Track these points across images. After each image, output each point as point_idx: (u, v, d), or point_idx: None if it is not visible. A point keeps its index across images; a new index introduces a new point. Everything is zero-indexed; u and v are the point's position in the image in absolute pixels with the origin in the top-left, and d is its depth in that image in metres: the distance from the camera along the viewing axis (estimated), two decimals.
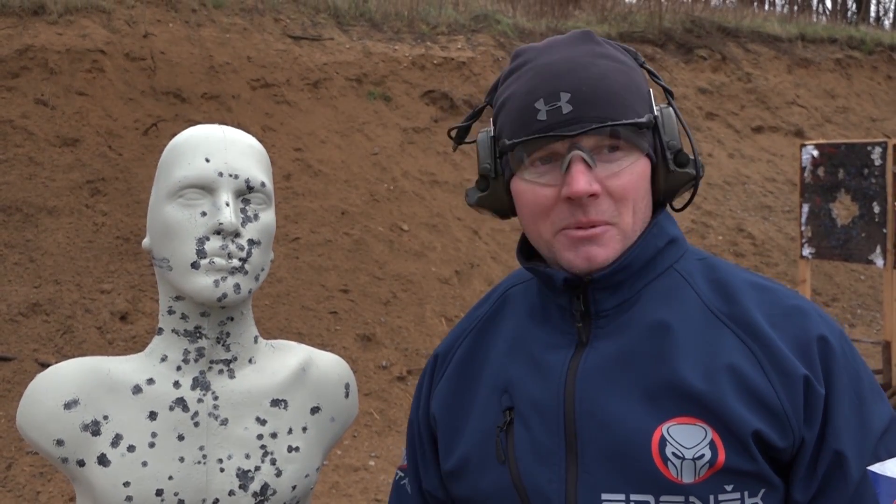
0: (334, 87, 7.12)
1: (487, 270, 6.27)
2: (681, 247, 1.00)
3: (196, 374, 1.10)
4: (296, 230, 5.88)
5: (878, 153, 4.72)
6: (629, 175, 0.92)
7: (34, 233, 5.15)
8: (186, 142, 1.07)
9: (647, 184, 0.95)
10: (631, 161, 0.93)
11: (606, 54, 0.96)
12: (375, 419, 4.86)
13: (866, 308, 7.54)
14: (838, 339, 0.92)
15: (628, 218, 0.93)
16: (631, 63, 0.97)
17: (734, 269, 0.99)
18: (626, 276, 0.95)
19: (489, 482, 0.96)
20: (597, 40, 0.97)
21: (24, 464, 3.97)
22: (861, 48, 11.00)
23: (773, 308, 0.93)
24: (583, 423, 0.91)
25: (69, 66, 6.08)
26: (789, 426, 0.88)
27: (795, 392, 0.88)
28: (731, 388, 0.88)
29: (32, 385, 1.07)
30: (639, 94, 0.95)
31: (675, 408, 0.89)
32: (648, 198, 0.96)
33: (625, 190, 0.92)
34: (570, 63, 0.93)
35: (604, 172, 0.91)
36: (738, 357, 0.90)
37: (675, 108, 0.98)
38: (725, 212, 8.07)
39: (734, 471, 0.87)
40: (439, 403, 1.05)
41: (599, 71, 0.92)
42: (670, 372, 0.90)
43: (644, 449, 0.89)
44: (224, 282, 1.04)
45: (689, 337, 0.92)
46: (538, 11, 9.85)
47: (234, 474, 1.09)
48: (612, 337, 0.95)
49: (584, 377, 0.93)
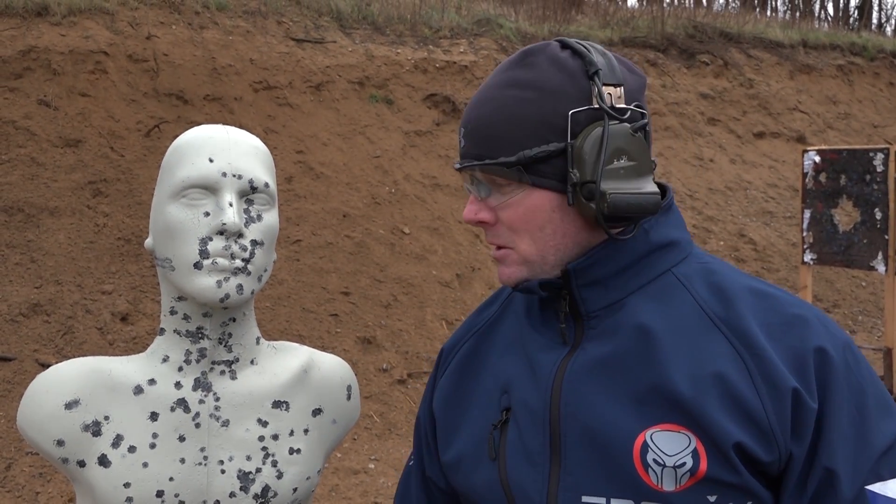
0: (336, 90, 7.13)
1: (488, 274, 6.27)
2: (682, 250, 0.98)
3: (198, 375, 1.09)
4: (297, 232, 5.88)
5: (880, 159, 4.71)
6: (515, 208, 0.95)
7: (36, 233, 5.15)
8: (190, 142, 1.07)
9: (546, 214, 0.93)
10: (519, 194, 0.94)
11: (520, 82, 0.93)
12: (375, 422, 4.85)
13: (867, 314, 7.53)
14: (840, 351, 0.89)
15: (524, 245, 0.95)
16: (556, 87, 0.92)
17: (735, 274, 0.97)
18: (605, 274, 0.95)
19: (480, 479, 0.99)
20: (527, 63, 0.95)
21: (24, 464, 3.96)
22: (863, 55, 11.01)
23: (772, 316, 0.91)
24: (567, 425, 0.92)
25: (72, 67, 6.08)
26: (774, 440, 0.86)
27: (783, 405, 0.86)
28: (716, 398, 0.87)
29: (33, 385, 1.07)
30: (534, 126, 0.92)
31: (662, 414, 0.89)
32: (556, 226, 0.94)
33: (512, 221, 0.95)
34: (480, 94, 0.98)
35: (496, 202, 0.96)
36: (727, 365, 0.88)
37: (605, 132, 0.90)
38: (727, 217, 8.07)
39: (717, 481, 0.86)
40: (440, 398, 1.08)
41: (493, 106, 0.94)
42: (658, 377, 0.90)
43: (626, 453, 0.88)
44: (227, 282, 1.03)
45: (680, 342, 0.91)
46: (540, 16, 9.85)
47: (235, 476, 1.08)
48: (601, 339, 0.95)
49: (571, 379, 0.94)
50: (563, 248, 0.95)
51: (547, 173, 0.93)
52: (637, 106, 0.95)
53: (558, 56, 0.95)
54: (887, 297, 4.68)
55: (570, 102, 0.92)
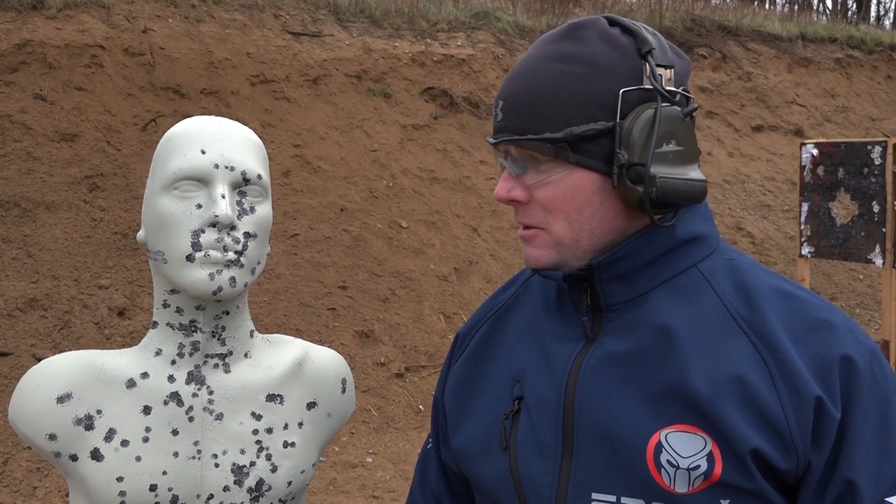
0: (334, 84, 7.11)
1: (486, 268, 6.26)
2: (708, 245, 0.95)
3: (191, 369, 1.08)
4: (295, 226, 5.87)
5: (877, 152, 4.71)
6: (554, 187, 0.91)
7: (32, 228, 5.14)
8: (182, 133, 1.06)
9: (587, 196, 0.90)
10: (560, 173, 0.90)
11: (569, 56, 0.90)
12: (373, 416, 4.85)
13: (865, 307, 7.54)
14: (867, 359, 0.86)
15: (559, 227, 0.92)
16: (608, 64, 0.89)
17: (762, 273, 0.94)
18: (629, 269, 0.92)
19: (490, 467, 0.97)
20: (576, 36, 0.92)
21: (21, 459, 3.96)
22: (861, 48, 10.99)
23: (799, 320, 0.88)
24: (580, 420, 0.90)
25: (68, 61, 6.06)
26: (794, 448, 0.83)
27: (805, 413, 0.83)
28: (736, 401, 0.85)
29: (24, 379, 1.06)
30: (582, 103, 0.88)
31: (678, 414, 0.86)
32: (595, 209, 0.91)
33: (548, 201, 0.91)
34: (522, 66, 0.93)
35: (532, 181, 0.92)
36: (749, 369, 0.86)
37: (658, 113, 0.87)
38: (725, 210, 8.06)
39: (731, 486, 0.84)
40: (453, 383, 1.07)
41: (538, 79, 0.90)
42: (676, 376, 0.87)
43: (639, 453, 0.86)
44: (219, 275, 1.02)
45: (701, 341, 0.88)
46: (538, 9, 9.83)
47: (228, 469, 1.07)
48: (620, 334, 0.92)
49: (587, 373, 0.91)
50: (598, 233, 0.92)
51: (592, 153, 0.89)
52: (685, 90, 0.92)
53: (609, 32, 0.91)
54: (884, 289, 4.68)
55: (621, 80, 0.88)
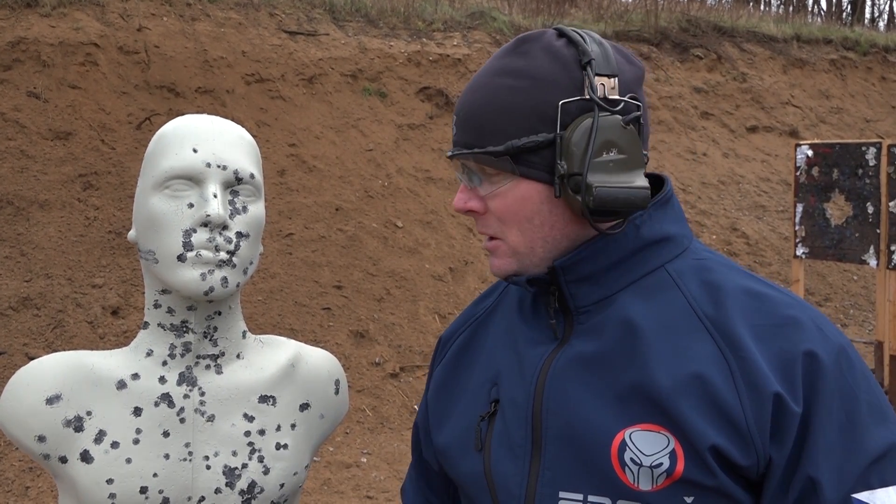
0: (329, 83, 7.09)
1: (481, 268, 6.26)
2: (677, 245, 0.96)
3: (182, 370, 1.07)
4: (289, 226, 5.86)
5: (872, 153, 4.71)
6: (503, 198, 0.93)
7: (25, 226, 5.11)
8: (174, 132, 1.05)
9: (535, 205, 0.92)
10: (507, 184, 0.93)
11: (512, 71, 0.92)
12: (368, 416, 4.84)
13: (859, 308, 7.55)
14: (833, 355, 0.86)
15: (513, 237, 0.94)
16: (548, 76, 0.90)
17: (731, 273, 0.94)
18: (593, 270, 0.93)
19: (466, 468, 1.00)
20: (520, 51, 0.93)
21: (14, 458, 3.94)
22: (856, 49, 11.01)
23: (763, 318, 0.89)
24: (548, 420, 0.92)
25: (62, 59, 6.03)
26: (752, 444, 0.84)
27: (763, 409, 0.84)
28: (695, 399, 0.86)
29: (13, 380, 1.05)
30: (524, 116, 0.90)
31: (643, 413, 0.88)
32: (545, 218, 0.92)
33: (500, 211, 0.94)
34: (474, 81, 0.96)
35: (485, 192, 0.95)
36: (710, 366, 0.87)
37: (595, 123, 0.88)
38: (719, 211, 8.07)
39: (693, 483, 0.85)
40: (434, 386, 1.10)
41: (484, 94, 0.93)
42: (640, 375, 0.88)
43: (603, 451, 0.88)
44: (211, 275, 1.01)
45: (666, 340, 0.89)
46: (534, 9, 9.82)
47: (220, 472, 1.06)
48: (589, 335, 0.94)
49: (555, 374, 0.93)
50: (551, 241, 0.94)
51: (536, 164, 0.91)
52: (633, 97, 0.92)
53: (552, 45, 0.92)
54: (879, 290, 4.69)
55: (561, 92, 0.90)
